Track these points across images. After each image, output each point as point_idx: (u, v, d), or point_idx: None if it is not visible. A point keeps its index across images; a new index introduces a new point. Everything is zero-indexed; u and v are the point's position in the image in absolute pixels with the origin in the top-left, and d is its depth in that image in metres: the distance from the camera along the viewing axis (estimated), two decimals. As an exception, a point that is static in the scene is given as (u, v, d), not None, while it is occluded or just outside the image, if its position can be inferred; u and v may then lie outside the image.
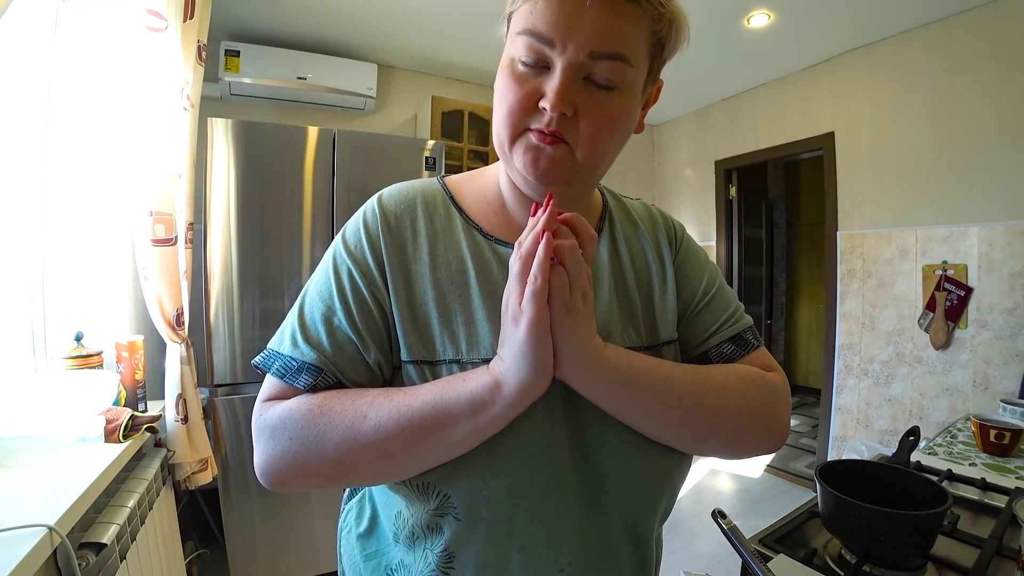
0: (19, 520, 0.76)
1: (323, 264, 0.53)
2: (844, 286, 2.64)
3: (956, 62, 2.16)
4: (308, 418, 0.45)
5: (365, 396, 0.45)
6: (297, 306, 0.51)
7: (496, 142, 0.49)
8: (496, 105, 0.47)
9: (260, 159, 1.81)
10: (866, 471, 0.78)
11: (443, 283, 0.50)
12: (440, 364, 0.47)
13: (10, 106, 1.21)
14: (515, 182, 0.51)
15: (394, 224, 0.52)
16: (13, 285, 1.26)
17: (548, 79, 0.43)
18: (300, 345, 0.48)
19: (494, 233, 0.53)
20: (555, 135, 0.44)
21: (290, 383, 0.47)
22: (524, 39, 0.44)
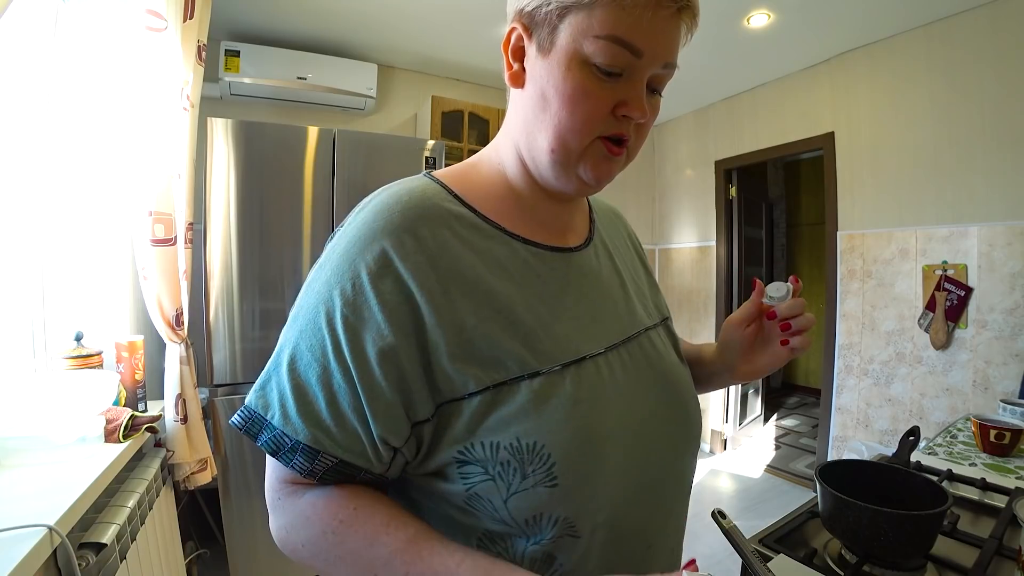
0: (19, 520, 0.76)
1: (313, 308, 0.43)
2: (844, 286, 2.64)
3: (956, 62, 2.16)
4: (320, 541, 0.42)
5: (383, 546, 0.40)
6: (285, 361, 0.43)
7: (556, 144, 0.45)
8: (561, 107, 0.44)
9: (260, 159, 1.81)
10: (866, 471, 0.78)
11: (496, 296, 0.44)
12: (516, 382, 0.42)
13: (10, 106, 1.21)
14: (557, 183, 0.48)
15: (417, 239, 0.43)
16: (13, 285, 1.26)
17: (628, 89, 0.44)
18: (292, 418, 0.41)
19: (521, 233, 0.49)
20: (626, 143, 0.46)
21: (285, 464, 0.42)
22: (609, 45, 0.42)
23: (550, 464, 0.41)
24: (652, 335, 0.56)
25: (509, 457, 0.41)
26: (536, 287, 0.47)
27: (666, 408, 0.52)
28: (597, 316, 0.50)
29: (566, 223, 0.54)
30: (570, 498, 0.42)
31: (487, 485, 0.42)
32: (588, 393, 0.45)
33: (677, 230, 3.67)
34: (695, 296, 3.52)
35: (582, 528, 0.43)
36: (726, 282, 3.32)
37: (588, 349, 0.47)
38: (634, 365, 0.51)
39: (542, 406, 0.42)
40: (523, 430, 0.41)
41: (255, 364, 1.83)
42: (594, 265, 0.54)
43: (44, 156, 1.33)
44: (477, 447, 0.42)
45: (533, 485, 0.41)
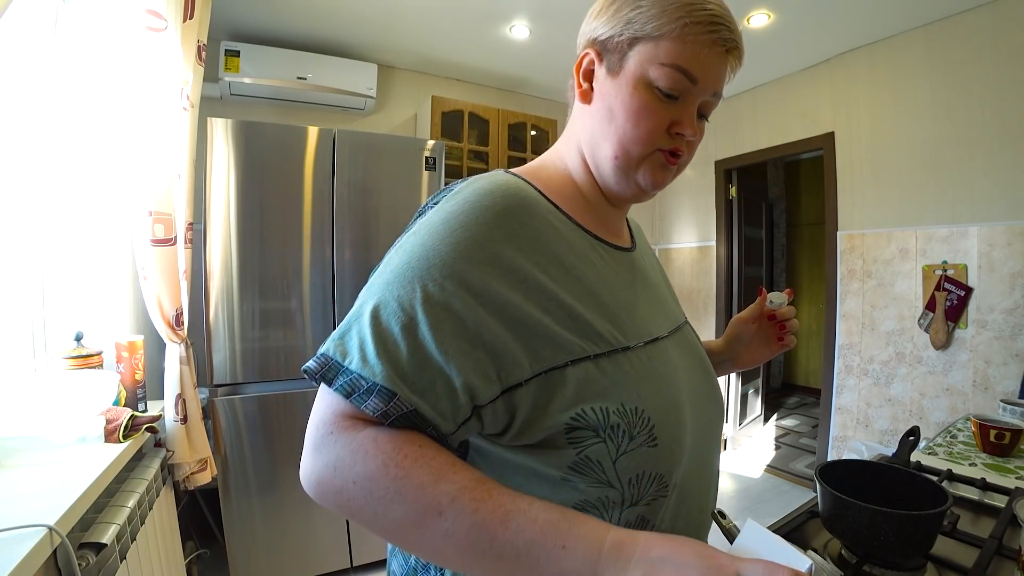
0: (19, 520, 0.76)
1: (405, 265, 0.45)
2: (844, 286, 2.64)
3: (956, 62, 2.16)
4: (379, 474, 0.40)
5: (450, 483, 0.39)
6: (368, 312, 0.44)
7: (619, 151, 0.52)
8: (627, 120, 0.51)
9: (260, 159, 1.81)
10: (866, 471, 0.78)
11: (588, 279, 0.50)
12: (612, 354, 0.48)
13: (10, 106, 1.21)
14: (616, 187, 0.55)
15: (519, 222, 0.47)
16: (13, 285, 1.26)
17: (682, 110, 0.52)
18: (371, 361, 0.42)
19: (590, 228, 0.55)
20: (680, 157, 0.54)
21: (357, 405, 0.41)
22: (671, 72, 0.49)
23: (651, 426, 0.46)
24: (687, 329, 0.65)
25: (618, 420, 0.45)
26: (611, 277, 0.54)
27: (708, 390, 0.60)
28: (656, 306, 0.59)
29: (619, 227, 0.62)
30: (666, 456, 0.48)
31: (598, 448, 0.45)
32: (665, 368, 0.52)
33: (677, 230, 3.67)
34: (695, 296, 3.52)
35: (670, 486, 0.49)
36: (726, 282, 3.32)
37: (658, 332, 0.55)
38: (685, 350, 0.59)
39: (636, 376, 0.48)
40: (626, 396, 0.46)
41: (255, 364, 1.83)
42: (643, 265, 0.62)
43: (44, 156, 1.33)
44: (589, 412, 0.45)
45: (638, 445, 0.46)
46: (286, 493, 1.87)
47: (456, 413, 0.43)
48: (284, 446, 1.87)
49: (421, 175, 2.10)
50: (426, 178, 2.11)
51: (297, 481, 1.62)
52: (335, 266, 1.94)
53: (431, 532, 0.38)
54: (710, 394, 0.60)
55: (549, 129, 2.97)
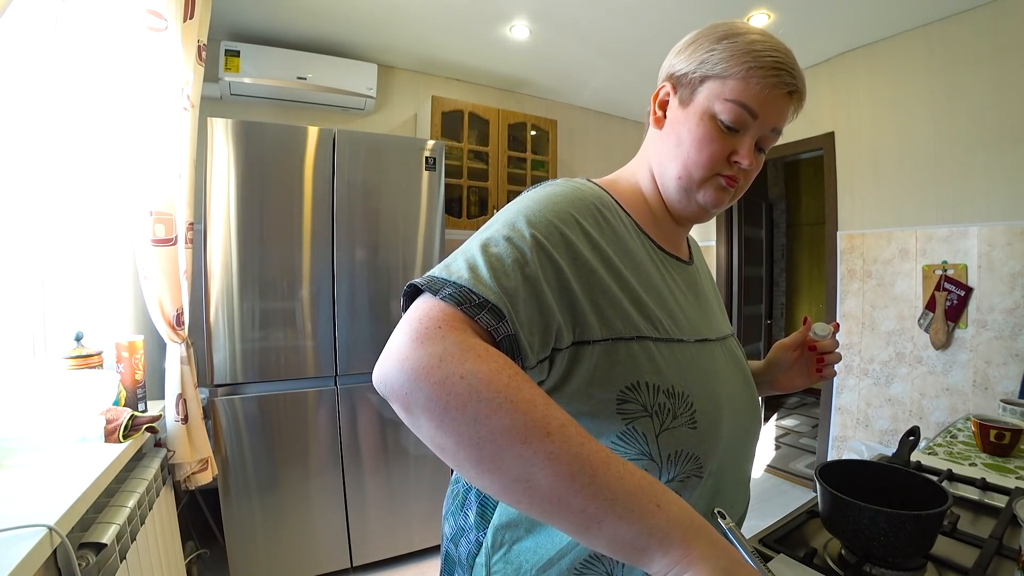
0: (19, 520, 0.76)
1: (514, 217, 0.49)
2: (844, 286, 2.64)
3: (956, 62, 2.16)
4: (493, 377, 0.37)
5: (560, 412, 0.39)
6: (477, 245, 0.47)
7: (683, 172, 0.59)
8: (692, 146, 0.58)
9: (260, 159, 1.81)
10: (866, 471, 0.78)
11: (653, 276, 0.57)
12: (668, 341, 0.54)
13: (10, 106, 1.21)
14: (678, 204, 0.62)
15: (602, 217, 0.55)
16: (13, 285, 1.26)
17: (741, 141, 0.58)
18: (484, 279, 0.43)
19: (656, 239, 0.62)
20: (736, 183, 0.60)
21: (469, 316, 0.41)
22: (734, 107, 0.56)
23: (693, 410, 0.52)
24: (733, 341, 0.69)
25: (665, 399, 0.51)
26: (672, 281, 0.60)
27: (747, 399, 0.64)
28: (705, 315, 0.64)
29: (680, 242, 0.68)
30: (703, 440, 0.52)
31: (645, 421, 0.50)
32: (711, 365, 0.58)
33: (677, 230, 3.67)
34: (695, 296, 3.52)
35: (705, 469, 0.53)
36: (726, 282, 3.32)
37: (707, 335, 0.61)
38: (729, 358, 0.64)
39: (686, 364, 0.54)
40: (675, 380, 0.52)
41: (255, 364, 1.83)
42: (697, 278, 0.68)
43: (44, 156, 1.33)
44: (642, 387, 0.50)
45: (680, 425, 0.51)
46: (286, 493, 1.87)
47: (541, 350, 0.46)
48: (284, 446, 1.87)
49: (421, 175, 2.10)
50: (426, 178, 2.11)
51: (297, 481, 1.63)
52: (335, 266, 1.94)
53: (534, 449, 0.36)
54: (749, 403, 0.65)
55: (549, 129, 2.97)
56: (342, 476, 1.96)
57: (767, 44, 0.56)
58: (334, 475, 1.95)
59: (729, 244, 3.32)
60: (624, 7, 2.18)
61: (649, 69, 2.76)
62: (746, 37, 0.57)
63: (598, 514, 0.36)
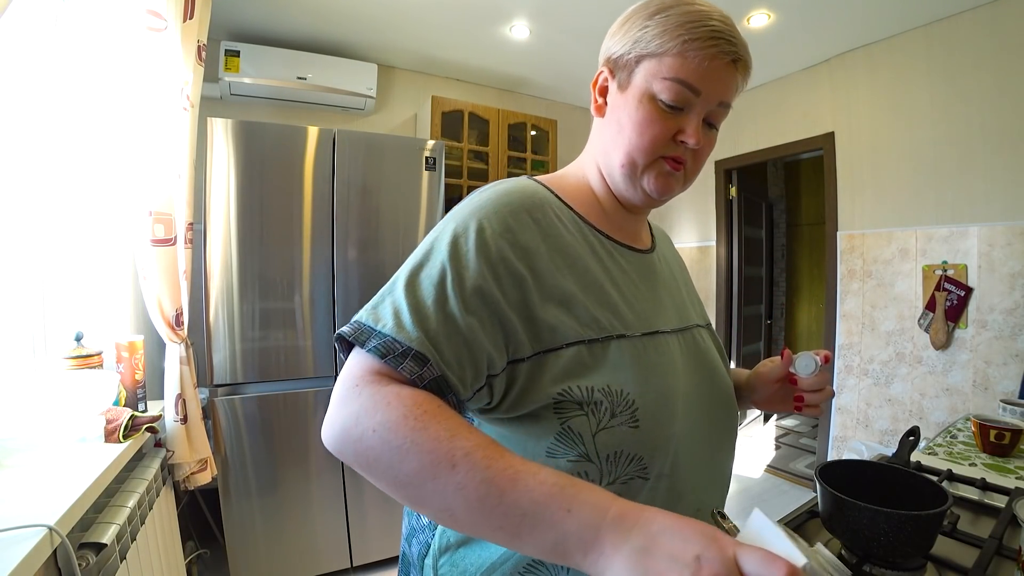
0: (19, 520, 0.76)
1: (437, 249, 0.50)
2: (844, 286, 2.64)
3: (956, 62, 2.16)
4: (399, 424, 0.41)
5: (465, 439, 0.41)
6: (402, 285, 0.48)
7: (626, 160, 0.56)
8: (632, 131, 0.55)
9: (260, 159, 1.81)
10: (866, 471, 0.78)
11: (592, 271, 0.55)
12: (607, 340, 0.52)
13: (10, 106, 1.21)
14: (626, 193, 0.59)
15: (532, 218, 0.53)
16: (13, 285, 1.26)
17: (686, 120, 0.55)
18: (407, 327, 0.45)
19: (604, 230, 0.60)
20: (683, 164, 0.57)
21: (392, 367, 0.44)
22: (673, 85, 0.53)
23: (634, 409, 0.50)
24: (700, 332, 0.66)
25: (602, 398, 0.49)
26: (619, 272, 0.58)
27: (713, 394, 0.61)
28: (664, 304, 0.62)
29: (636, 232, 0.66)
30: (646, 440, 0.50)
31: (581, 420, 0.49)
32: (661, 359, 0.55)
33: (677, 230, 3.67)
34: (695, 296, 3.52)
35: (651, 470, 0.51)
36: (726, 282, 3.32)
37: (660, 326, 0.58)
38: (689, 350, 0.61)
39: (628, 362, 0.51)
40: (613, 379, 0.50)
41: (255, 364, 1.83)
42: (658, 266, 0.66)
43: (44, 156, 1.33)
44: (575, 389, 0.49)
45: (619, 424, 0.49)
46: (286, 493, 1.87)
47: (475, 381, 0.48)
48: (284, 446, 1.87)
49: (421, 175, 2.10)
50: (426, 178, 2.11)
51: (297, 481, 1.63)
52: (335, 266, 1.94)
53: (444, 484, 0.39)
54: (714, 396, 0.61)
55: (549, 129, 2.97)
56: (342, 476, 1.96)
57: (701, 13, 0.53)
58: (334, 475, 1.95)
59: (729, 244, 3.32)
60: (624, 7, 2.18)
61: (649, 69, 2.75)
62: (679, 8, 0.53)
63: (514, 529, 0.38)
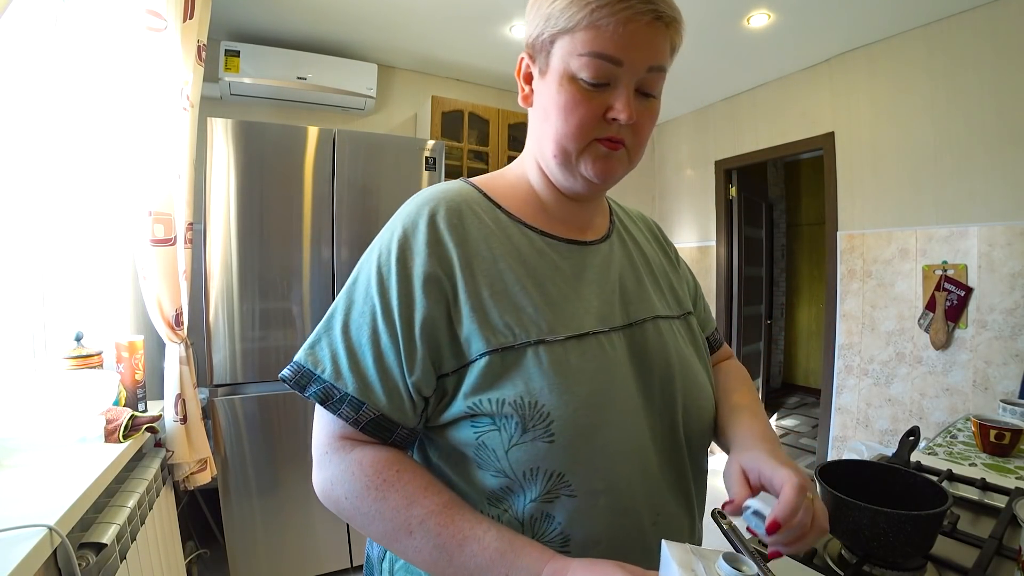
0: (19, 520, 0.76)
1: (364, 278, 0.51)
2: (844, 286, 2.64)
3: (956, 62, 2.16)
4: (363, 495, 0.47)
5: (421, 507, 0.46)
6: (339, 324, 0.50)
7: (557, 150, 0.52)
8: (558, 117, 0.51)
9: (260, 159, 1.81)
10: (866, 471, 0.78)
11: (508, 274, 0.51)
12: (523, 347, 0.49)
13: (10, 106, 1.21)
14: (566, 183, 0.55)
15: (452, 229, 0.51)
16: (13, 285, 1.26)
17: (615, 94, 0.50)
18: (343, 372, 0.48)
19: (538, 225, 0.57)
20: (620, 142, 0.52)
21: (331, 412, 0.49)
22: (591, 61, 0.48)
23: (548, 422, 0.46)
24: (663, 324, 0.60)
25: (512, 412, 0.47)
26: (549, 271, 0.54)
27: (668, 394, 0.56)
28: (606, 300, 0.56)
29: (585, 221, 0.61)
30: (565, 455, 0.47)
31: (493, 435, 0.48)
32: (589, 364, 0.50)
33: (677, 230, 3.67)
34: (695, 296, 3.52)
35: (578, 488, 0.48)
36: (726, 282, 3.32)
37: (591, 326, 0.53)
38: (637, 348, 0.55)
39: (544, 370, 0.48)
40: (526, 390, 0.47)
41: (255, 364, 1.83)
42: (607, 257, 0.60)
43: (44, 156, 1.33)
44: (485, 402, 0.47)
45: (532, 439, 0.46)
46: (286, 493, 1.87)
47: (415, 408, 0.49)
48: (284, 446, 1.87)
49: (421, 175, 2.10)
50: (426, 178, 2.11)
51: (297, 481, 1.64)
52: (335, 266, 1.94)
53: (404, 546, 0.46)
54: (674, 401, 0.56)
55: (549, 129, 2.96)
56: (342, 476, 1.96)
57: None
58: (334, 475, 1.95)
59: (729, 244, 3.32)
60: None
61: (649, 69, 2.75)
62: None
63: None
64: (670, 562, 0.39)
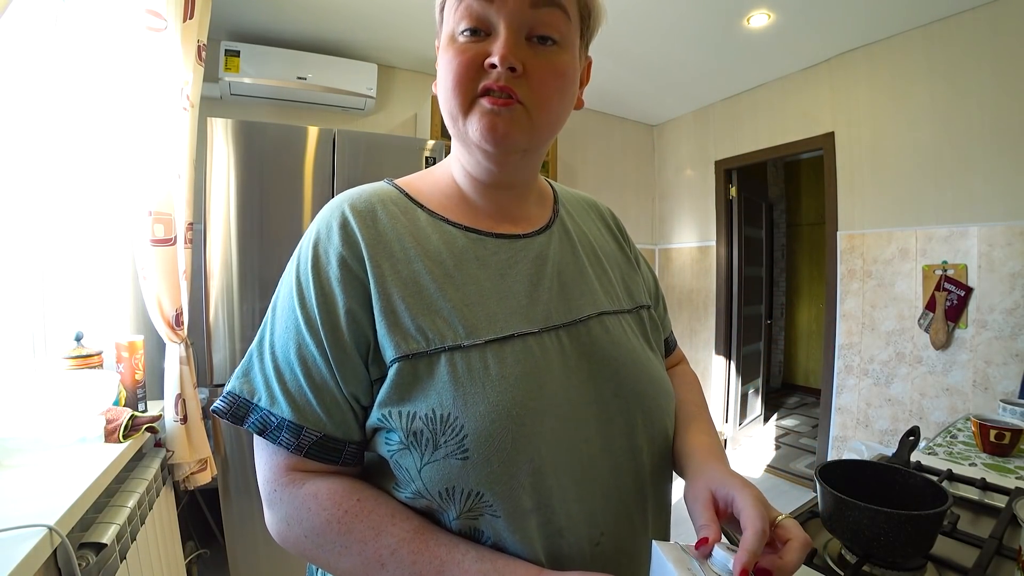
0: (19, 520, 0.76)
1: (286, 291, 0.49)
2: (844, 286, 2.64)
3: (956, 62, 2.16)
4: (327, 528, 0.43)
5: (390, 535, 0.42)
6: (267, 347, 0.47)
7: (448, 119, 0.49)
8: (441, 81, 0.49)
9: (260, 159, 1.81)
10: (866, 471, 0.78)
11: (423, 275, 0.48)
12: (436, 354, 0.45)
13: (10, 106, 1.21)
14: (471, 162, 0.52)
15: (364, 228, 0.49)
16: (13, 285, 1.26)
17: (494, 41, 0.46)
18: (278, 398, 0.45)
19: (462, 221, 0.53)
20: (507, 92, 0.45)
21: (271, 441, 0.45)
22: (462, 7, 0.46)
23: (462, 437, 0.42)
24: (609, 320, 0.55)
25: (423, 427, 0.43)
26: (471, 269, 0.50)
27: (623, 397, 0.51)
28: (539, 298, 0.51)
29: (516, 213, 0.57)
30: (480, 473, 0.42)
31: (404, 453, 0.44)
32: (512, 370, 0.45)
33: (677, 230, 3.67)
34: (695, 296, 3.52)
35: (500, 508, 0.42)
36: (726, 282, 3.32)
37: (517, 327, 0.48)
38: (577, 348, 0.50)
39: (460, 379, 0.43)
40: (439, 402, 0.43)
41: (255, 364, 1.82)
42: (543, 249, 0.55)
43: (44, 156, 1.33)
44: (394, 416, 0.44)
45: (444, 456, 0.42)
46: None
47: (359, 420, 0.46)
48: (284, 446, 1.86)
49: (421, 175, 2.10)
50: (426, 178, 2.11)
51: (297, 481, 1.53)
52: (335, 266, 1.94)
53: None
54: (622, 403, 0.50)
55: (549, 129, 2.96)
56: (342, 476, 1.96)
57: None
58: (334, 475, 1.95)
59: (729, 244, 3.32)
60: (624, 8, 2.18)
61: (650, 69, 2.76)
62: None
63: None
64: (664, 562, 0.39)
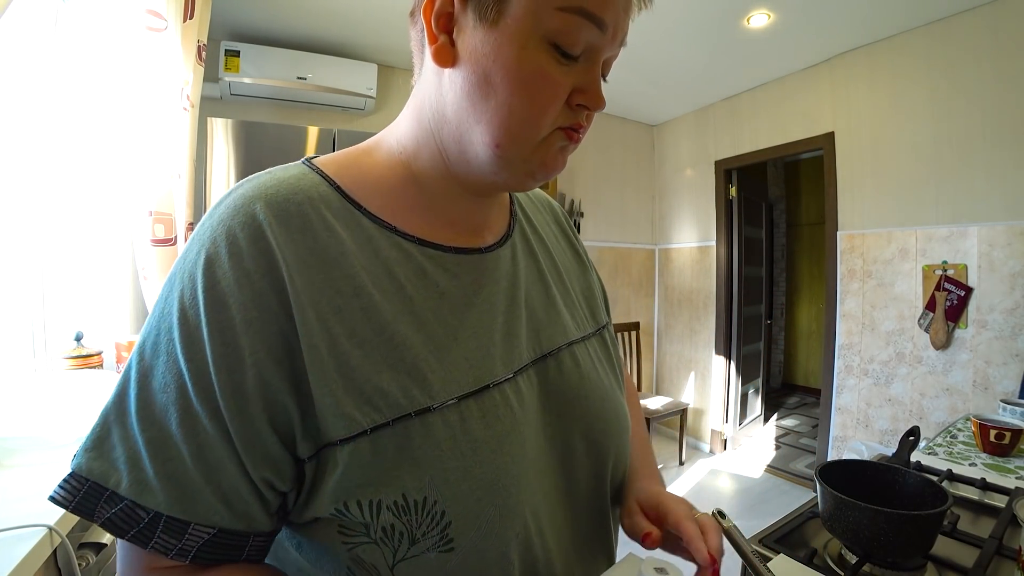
0: (19, 520, 0.76)
1: (165, 328, 0.33)
2: (844, 286, 2.64)
3: (956, 62, 2.16)
4: None
5: None
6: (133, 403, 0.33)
7: (503, 140, 0.37)
8: (515, 94, 0.35)
9: (260, 159, 1.81)
10: (866, 471, 0.78)
11: (373, 311, 0.36)
12: (401, 422, 0.34)
13: (10, 106, 1.21)
14: (492, 176, 0.40)
15: (288, 242, 0.34)
16: (13, 285, 1.26)
17: (584, 71, 0.37)
18: (150, 483, 0.31)
19: (417, 233, 0.41)
20: (581, 134, 0.40)
21: (142, 544, 0.31)
22: (574, 19, 0.34)
23: (444, 524, 0.34)
24: (578, 349, 0.47)
25: (394, 520, 0.33)
26: (432, 300, 0.39)
27: (582, 438, 0.45)
28: (510, 331, 0.42)
29: (480, 221, 0.45)
30: (468, 566, 0.35)
31: (370, 548, 0.34)
32: (494, 430, 0.37)
33: (677, 230, 3.67)
34: (695, 296, 3.52)
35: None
36: (726, 282, 3.32)
37: (493, 375, 0.39)
38: (551, 387, 0.43)
39: (434, 452, 0.34)
40: (411, 484, 0.33)
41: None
42: (510, 267, 0.45)
43: (45, 156, 1.33)
44: (354, 508, 0.33)
45: (424, 551, 0.34)
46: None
47: (269, 508, 0.35)
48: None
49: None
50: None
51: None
52: (335, 266, 1.94)
53: None
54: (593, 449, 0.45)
55: (549, 129, 2.96)
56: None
57: None
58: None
59: (729, 244, 3.32)
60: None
61: (650, 69, 2.76)
62: None
63: None
64: None
